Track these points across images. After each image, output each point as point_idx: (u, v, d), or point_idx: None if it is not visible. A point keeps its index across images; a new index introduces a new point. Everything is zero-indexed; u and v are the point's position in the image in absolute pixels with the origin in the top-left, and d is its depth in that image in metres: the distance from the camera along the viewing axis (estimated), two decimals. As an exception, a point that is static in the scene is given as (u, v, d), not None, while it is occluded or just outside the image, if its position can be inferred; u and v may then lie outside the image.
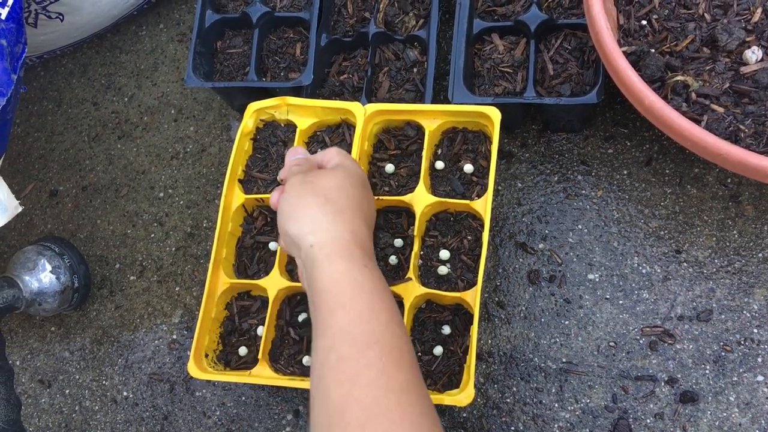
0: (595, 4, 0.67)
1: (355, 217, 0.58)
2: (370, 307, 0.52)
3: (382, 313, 0.52)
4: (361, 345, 0.50)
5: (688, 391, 0.69)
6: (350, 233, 0.56)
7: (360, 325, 0.51)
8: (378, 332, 0.51)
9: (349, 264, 0.54)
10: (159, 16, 1.02)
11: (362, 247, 0.56)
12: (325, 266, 0.54)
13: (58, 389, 0.88)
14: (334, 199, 0.58)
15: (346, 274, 0.54)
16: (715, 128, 0.64)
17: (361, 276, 0.54)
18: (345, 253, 0.55)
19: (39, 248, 0.86)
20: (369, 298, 0.53)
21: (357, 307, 0.52)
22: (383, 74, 0.82)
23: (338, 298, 0.52)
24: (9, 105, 0.72)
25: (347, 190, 0.59)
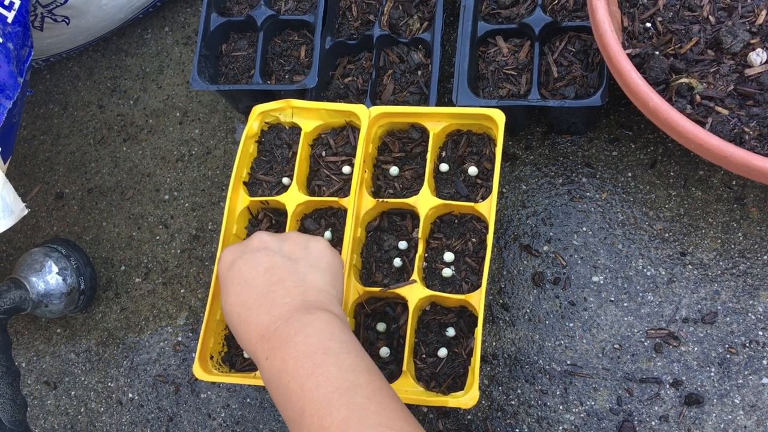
0: (599, 7, 0.67)
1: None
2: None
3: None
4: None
5: (693, 394, 0.69)
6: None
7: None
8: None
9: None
10: (164, 20, 1.02)
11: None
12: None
13: (64, 391, 0.89)
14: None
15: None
16: (720, 130, 0.64)
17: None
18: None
19: (46, 250, 0.87)
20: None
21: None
22: (388, 77, 0.83)
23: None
24: (15, 108, 0.73)
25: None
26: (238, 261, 0.60)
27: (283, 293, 0.57)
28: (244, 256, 0.60)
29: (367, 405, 0.49)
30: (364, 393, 0.50)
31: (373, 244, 0.75)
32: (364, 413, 0.48)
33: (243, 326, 0.56)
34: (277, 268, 0.59)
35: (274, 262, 0.59)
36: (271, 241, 0.61)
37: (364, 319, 0.72)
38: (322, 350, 0.52)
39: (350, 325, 0.72)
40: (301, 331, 0.53)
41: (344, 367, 0.51)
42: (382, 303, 0.72)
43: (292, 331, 0.54)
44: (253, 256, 0.60)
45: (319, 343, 0.53)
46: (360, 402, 0.49)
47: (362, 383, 0.50)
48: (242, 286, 0.58)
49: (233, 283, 0.59)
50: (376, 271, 0.74)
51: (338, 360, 0.52)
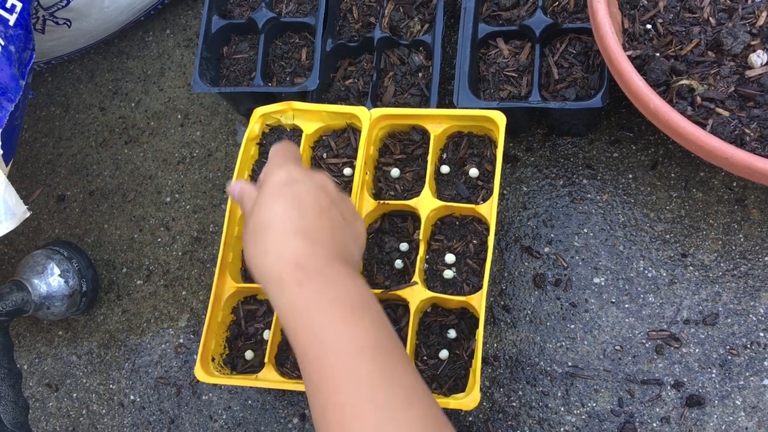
0: (600, 9, 0.67)
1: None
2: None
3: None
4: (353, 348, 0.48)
5: (694, 395, 0.69)
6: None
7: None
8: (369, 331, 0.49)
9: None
10: (165, 22, 1.02)
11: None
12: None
13: (66, 393, 0.89)
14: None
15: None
16: (721, 132, 0.64)
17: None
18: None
19: (48, 252, 0.87)
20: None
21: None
22: (388, 79, 0.83)
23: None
24: (17, 111, 0.73)
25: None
26: (302, 184, 0.56)
27: (329, 238, 0.54)
28: (309, 183, 0.56)
29: (396, 368, 0.48)
30: (394, 357, 0.49)
31: (375, 245, 0.75)
32: (392, 375, 0.48)
33: (280, 240, 0.53)
34: (331, 216, 0.56)
35: (331, 210, 0.56)
36: (333, 190, 0.59)
37: (366, 320, 0.72)
38: (362, 304, 0.51)
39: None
40: (343, 278, 0.52)
41: (379, 327, 0.50)
42: (383, 305, 0.72)
43: (333, 272, 0.52)
44: (316, 189, 0.56)
45: (360, 295, 0.51)
46: (390, 365, 0.48)
47: (392, 349, 0.50)
48: (295, 207, 0.54)
49: (287, 199, 0.55)
50: (377, 272, 0.74)
51: (375, 318, 0.51)
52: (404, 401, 0.46)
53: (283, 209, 0.54)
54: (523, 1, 0.80)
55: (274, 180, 0.56)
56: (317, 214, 0.55)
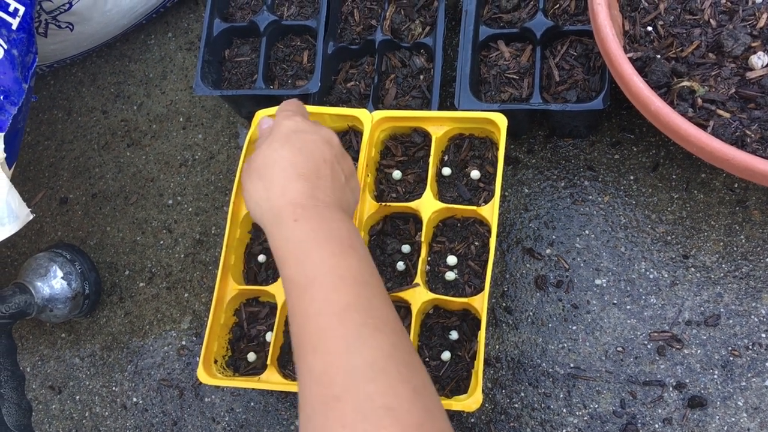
0: (600, 11, 0.67)
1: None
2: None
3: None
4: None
5: (696, 396, 0.69)
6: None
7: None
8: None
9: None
10: (167, 25, 1.03)
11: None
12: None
13: (69, 395, 0.89)
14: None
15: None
16: (722, 133, 0.64)
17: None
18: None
19: (51, 255, 0.87)
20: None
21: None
22: (390, 81, 0.83)
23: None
24: (20, 114, 0.73)
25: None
26: (309, 134, 0.60)
27: (329, 186, 0.58)
28: (315, 135, 0.61)
29: (373, 300, 0.51)
30: (373, 290, 0.52)
31: (376, 247, 0.75)
32: (368, 305, 0.51)
33: (282, 180, 0.57)
34: (332, 168, 0.60)
35: (333, 163, 0.60)
36: (337, 145, 0.62)
37: (368, 322, 0.73)
38: (350, 243, 0.54)
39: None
40: (337, 221, 0.56)
41: (363, 265, 0.54)
42: (385, 307, 0.72)
43: (329, 214, 0.56)
44: (322, 141, 0.60)
45: (349, 237, 0.55)
46: (367, 295, 0.51)
47: (373, 283, 0.53)
48: (302, 152, 0.58)
49: (294, 145, 0.59)
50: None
51: (360, 256, 0.54)
52: (374, 329, 0.49)
53: (291, 153, 0.58)
54: (524, 4, 0.80)
55: (283, 127, 0.60)
56: (321, 163, 0.59)
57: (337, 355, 0.48)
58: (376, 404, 0.45)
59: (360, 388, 0.46)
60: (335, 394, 0.46)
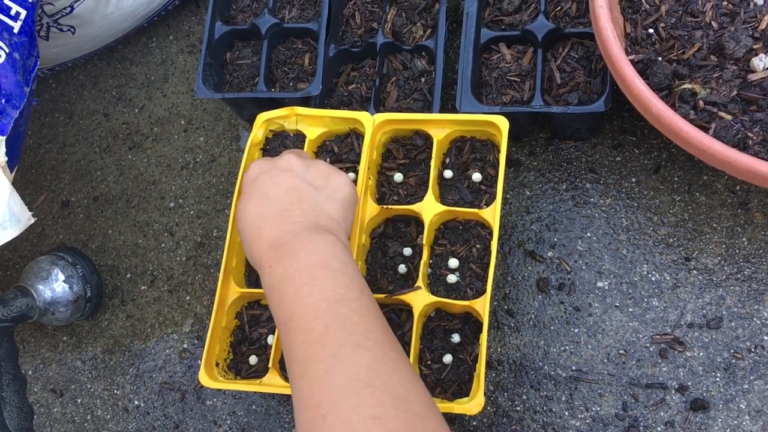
0: (602, 13, 0.67)
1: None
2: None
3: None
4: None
5: (698, 399, 0.69)
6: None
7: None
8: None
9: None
10: (169, 28, 1.03)
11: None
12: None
13: (70, 398, 0.89)
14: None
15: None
16: (723, 136, 0.64)
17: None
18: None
19: (52, 258, 0.87)
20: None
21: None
22: (391, 84, 0.83)
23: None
24: (22, 117, 0.73)
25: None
26: (264, 176, 0.64)
27: (297, 213, 0.61)
28: (271, 172, 0.64)
29: (351, 316, 0.52)
30: (350, 306, 0.53)
31: (378, 250, 0.75)
32: (346, 323, 0.52)
33: (255, 234, 0.60)
34: (297, 191, 0.62)
35: (296, 184, 0.63)
36: (297, 164, 0.65)
37: (369, 325, 0.72)
38: (321, 265, 0.56)
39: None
40: (306, 247, 0.57)
41: (338, 282, 0.55)
42: (387, 309, 0.72)
43: (298, 245, 0.57)
44: (277, 174, 0.64)
45: (320, 259, 0.56)
46: (345, 313, 0.53)
47: (351, 298, 0.54)
48: (263, 199, 0.62)
49: (254, 195, 0.62)
50: (380, 277, 0.74)
51: (334, 275, 0.55)
52: (354, 346, 0.50)
53: (254, 205, 0.62)
54: (526, 6, 0.80)
55: (244, 180, 0.66)
56: (283, 196, 0.62)
57: (321, 377, 0.49)
58: (362, 416, 0.46)
59: (345, 403, 0.47)
60: (322, 413, 0.48)
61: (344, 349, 0.50)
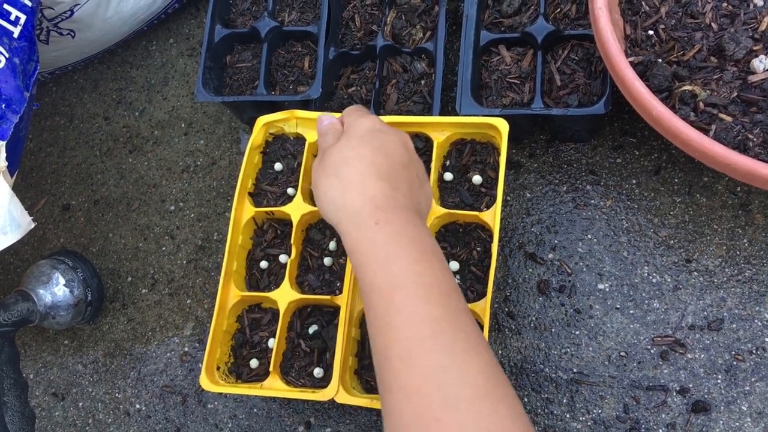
0: (601, 15, 0.67)
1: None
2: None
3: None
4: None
5: (700, 401, 0.69)
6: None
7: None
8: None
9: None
10: (169, 32, 1.03)
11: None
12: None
13: (72, 402, 0.89)
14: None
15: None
16: (724, 138, 0.64)
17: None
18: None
19: (53, 262, 0.87)
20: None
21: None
22: (391, 86, 0.83)
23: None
24: (22, 122, 0.73)
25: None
26: (387, 134, 0.59)
27: (407, 189, 0.57)
28: (393, 135, 0.59)
29: (459, 313, 0.50)
30: (459, 302, 0.51)
31: (378, 253, 0.75)
32: (456, 318, 0.49)
33: (362, 181, 0.55)
34: (409, 171, 0.58)
35: (410, 166, 0.59)
36: (412, 149, 0.61)
37: (370, 328, 0.72)
38: (432, 250, 0.53)
39: (356, 334, 0.72)
40: (418, 226, 0.54)
41: (446, 274, 0.52)
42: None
43: (410, 218, 0.54)
44: (399, 143, 0.59)
45: (431, 244, 0.54)
46: (454, 306, 0.50)
47: (457, 295, 0.52)
48: (380, 152, 0.57)
49: (372, 144, 0.57)
50: (381, 280, 0.74)
51: (443, 267, 0.53)
52: (467, 346, 0.48)
53: (371, 152, 0.56)
54: (525, 8, 0.80)
55: (360, 125, 0.59)
56: (399, 165, 0.57)
57: (432, 373, 0.46)
58: (479, 427, 0.44)
59: (462, 410, 0.45)
60: (435, 415, 0.45)
61: (458, 346, 0.48)
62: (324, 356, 0.73)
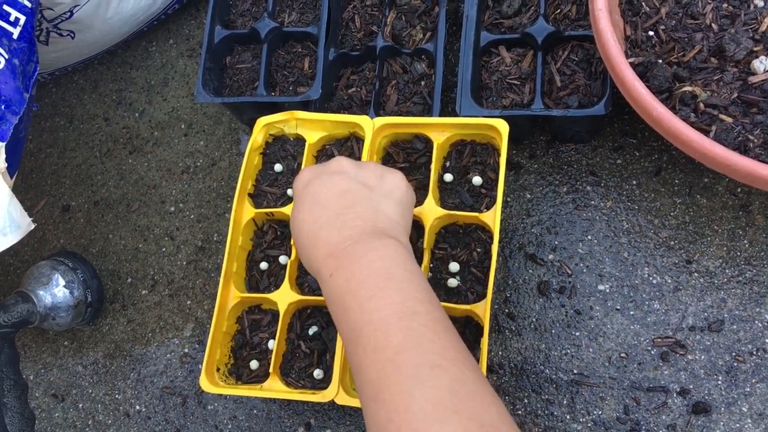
0: (601, 16, 0.67)
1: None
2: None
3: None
4: None
5: (700, 402, 0.69)
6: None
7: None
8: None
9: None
10: (169, 32, 1.03)
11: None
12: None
13: (72, 403, 0.89)
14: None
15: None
16: (724, 139, 0.64)
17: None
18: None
19: (53, 263, 0.87)
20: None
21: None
22: (391, 87, 0.83)
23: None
24: (22, 123, 0.73)
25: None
26: (315, 181, 0.61)
27: (354, 216, 0.58)
28: (321, 177, 0.61)
29: (424, 332, 0.49)
30: (422, 321, 0.50)
31: (378, 254, 0.75)
32: (420, 340, 0.49)
33: (311, 242, 0.58)
34: (351, 193, 0.59)
35: (350, 186, 0.60)
36: (348, 167, 0.62)
37: (370, 330, 0.72)
38: (386, 275, 0.53)
39: (356, 336, 0.72)
40: (368, 254, 0.54)
41: (406, 294, 0.52)
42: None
43: (359, 252, 0.55)
44: (329, 178, 0.61)
45: (384, 268, 0.53)
46: (417, 329, 0.49)
47: (421, 311, 0.51)
48: (316, 206, 0.59)
49: (307, 202, 0.60)
50: (381, 281, 0.74)
51: (401, 286, 0.52)
52: (432, 366, 0.47)
53: (308, 212, 0.59)
54: (525, 9, 0.80)
55: (296, 188, 0.63)
56: (337, 200, 0.59)
57: (398, 401, 0.46)
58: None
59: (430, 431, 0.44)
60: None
61: (422, 369, 0.47)
62: (324, 357, 0.73)
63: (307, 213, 0.59)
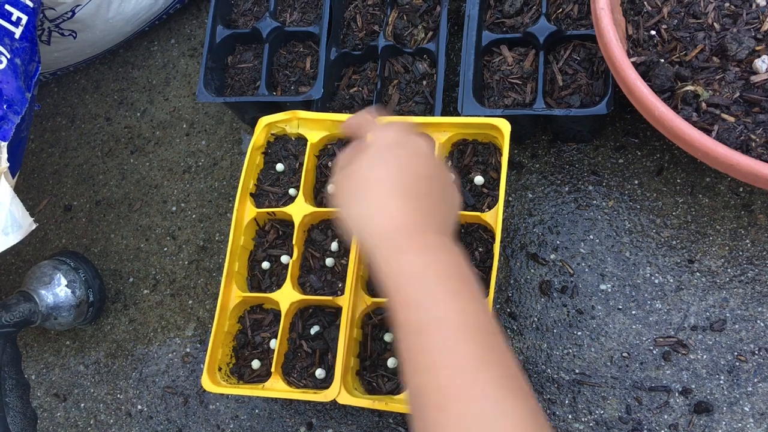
0: (603, 15, 0.67)
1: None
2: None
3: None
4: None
5: (702, 402, 0.69)
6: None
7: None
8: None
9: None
10: (170, 32, 1.03)
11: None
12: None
13: (73, 403, 0.89)
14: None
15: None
16: (726, 138, 0.64)
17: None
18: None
19: (55, 263, 0.87)
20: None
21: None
22: (393, 87, 0.83)
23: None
24: (23, 123, 0.73)
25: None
26: (405, 149, 0.55)
27: (432, 207, 0.54)
28: (412, 147, 0.56)
29: (495, 350, 0.47)
30: (496, 339, 0.48)
31: (380, 254, 0.75)
32: (500, 361, 0.46)
33: (389, 203, 0.52)
34: (431, 184, 0.55)
35: (431, 177, 0.55)
36: (434, 158, 0.58)
37: (372, 329, 0.72)
38: (465, 279, 0.50)
39: (358, 335, 0.72)
40: (448, 251, 0.51)
41: (484, 309, 0.49)
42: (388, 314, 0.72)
43: (436, 243, 0.51)
44: (418, 156, 0.56)
45: (463, 272, 0.50)
46: (492, 346, 0.47)
47: (497, 332, 0.48)
48: (404, 172, 0.54)
49: (390, 162, 0.54)
50: (383, 281, 0.74)
51: (478, 298, 0.50)
52: (511, 391, 0.45)
53: (386, 172, 0.53)
54: (527, 8, 0.80)
55: (379, 141, 0.56)
56: (421, 181, 0.54)
57: (478, 419, 0.43)
58: None
59: None
60: None
61: (502, 392, 0.44)
62: (326, 357, 0.73)
63: (387, 172, 0.53)
